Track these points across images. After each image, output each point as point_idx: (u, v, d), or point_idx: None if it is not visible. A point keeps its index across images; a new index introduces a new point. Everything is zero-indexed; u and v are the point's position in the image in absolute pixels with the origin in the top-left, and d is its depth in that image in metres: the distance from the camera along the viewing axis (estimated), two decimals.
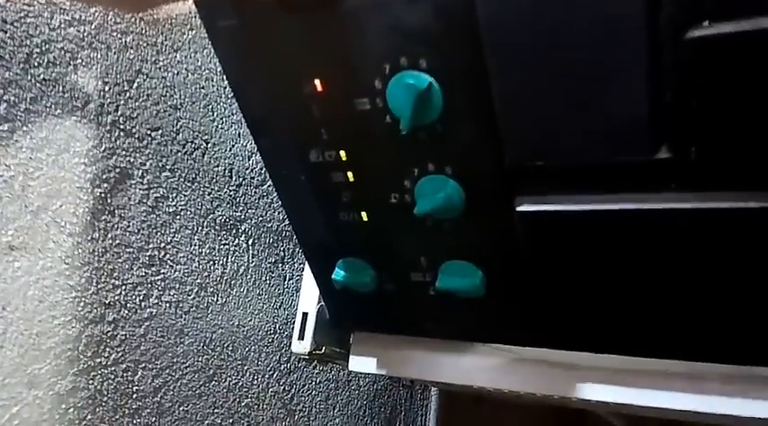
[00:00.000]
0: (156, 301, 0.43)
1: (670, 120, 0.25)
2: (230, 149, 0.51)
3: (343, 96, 0.30)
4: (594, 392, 0.40)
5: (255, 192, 0.54)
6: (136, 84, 0.42)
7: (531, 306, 0.35)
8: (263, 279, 0.55)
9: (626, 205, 0.28)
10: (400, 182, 0.32)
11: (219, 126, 0.50)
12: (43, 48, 0.37)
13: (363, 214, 0.35)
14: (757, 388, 0.36)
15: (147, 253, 0.43)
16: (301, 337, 0.52)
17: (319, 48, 0.29)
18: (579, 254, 0.31)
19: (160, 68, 0.44)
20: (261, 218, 0.55)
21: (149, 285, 0.43)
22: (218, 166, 0.49)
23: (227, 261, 0.50)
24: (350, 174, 0.33)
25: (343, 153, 0.33)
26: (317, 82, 0.30)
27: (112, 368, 0.40)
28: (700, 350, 0.33)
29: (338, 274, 0.38)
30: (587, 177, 0.28)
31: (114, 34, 0.41)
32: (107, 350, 0.40)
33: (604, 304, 0.33)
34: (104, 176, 0.40)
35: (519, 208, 0.31)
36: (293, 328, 0.55)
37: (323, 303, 0.52)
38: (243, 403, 0.52)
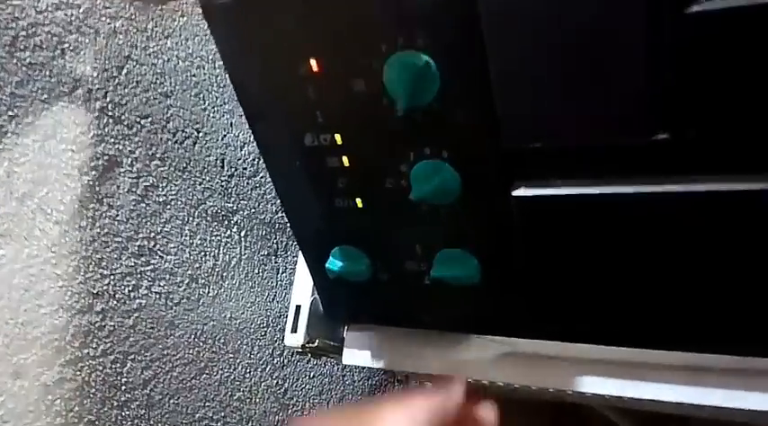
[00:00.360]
0: (146, 292, 0.43)
1: (668, 100, 0.24)
2: (222, 139, 0.50)
3: (339, 77, 0.29)
4: (590, 385, 0.40)
5: (248, 183, 0.53)
6: (125, 71, 0.41)
7: (526, 296, 0.35)
8: (256, 271, 0.54)
9: (624, 189, 0.28)
10: (396, 167, 0.32)
11: (211, 115, 0.49)
12: (29, 32, 0.36)
13: (359, 200, 0.34)
14: (756, 381, 0.35)
15: (137, 243, 0.42)
16: (294, 330, 0.51)
17: (315, 27, 0.28)
18: (576, 241, 0.31)
19: (150, 55, 0.43)
20: (254, 210, 0.54)
21: (139, 275, 0.42)
22: (209, 156, 0.49)
23: (218, 253, 0.50)
24: (345, 159, 0.33)
25: (338, 136, 0.32)
26: (313, 62, 0.29)
27: (101, 360, 0.39)
28: (698, 340, 0.33)
29: (332, 263, 0.37)
30: (584, 161, 0.28)
31: (103, 19, 0.40)
32: (95, 340, 0.39)
33: (601, 293, 0.33)
34: (92, 164, 0.39)
35: (515, 193, 0.30)
36: (287, 321, 0.55)
37: (316, 295, 0.51)
38: (235, 397, 0.51)
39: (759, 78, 0.23)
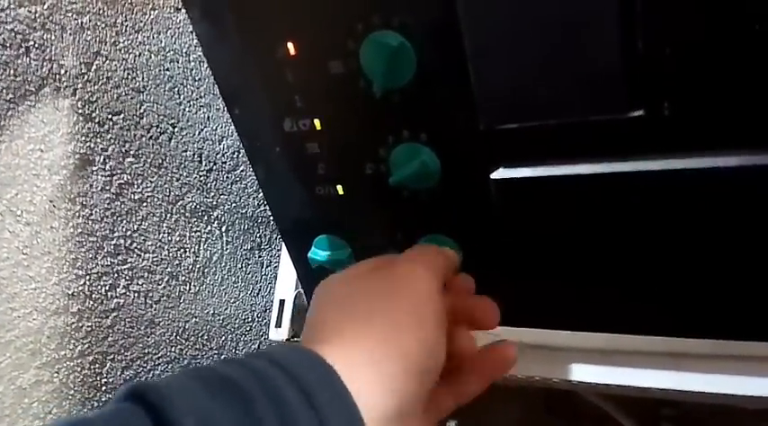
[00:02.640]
0: (124, 291, 0.42)
1: (643, 74, 0.24)
2: (199, 133, 0.49)
3: (316, 59, 0.29)
4: (575, 372, 0.39)
5: (228, 178, 0.53)
6: (94, 67, 0.41)
7: (508, 283, 0.34)
8: (239, 266, 0.54)
9: (602, 169, 0.27)
10: (375, 151, 0.31)
11: (186, 109, 0.48)
12: None
13: (339, 187, 0.34)
14: (738, 366, 0.35)
15: (112, 242, 0.42)
16: (279, 324, 0.51)
17: (291, 9, 0.28)
18: (556, 224, 0.30)
19: (120, 50, 0.43)
20: (234, 204, 0.54)
21: (115, 275, 0.42)
22: (186, 151, 0.48)
23: (199, 249, 0.49)
24: (325, 144, 0.32)
25: (317, 121, 0.32)
26: (290, 45, 0.29)
27: (78, 360, 0.39)
28: (682, 324, 0.32)
29: (315, 252, 0.37)
30: (563, 142, 0.27)
31: (69, 15, 0.39)
32: (72, 341, 0.39)
33: (583, 277, 0.32)
34: (62, 163, 0.38)
35: (494, 176, 0.30)
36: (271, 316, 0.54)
37: (300, 289, 0.51)
38: None
39: (733, 52, 0.22)
